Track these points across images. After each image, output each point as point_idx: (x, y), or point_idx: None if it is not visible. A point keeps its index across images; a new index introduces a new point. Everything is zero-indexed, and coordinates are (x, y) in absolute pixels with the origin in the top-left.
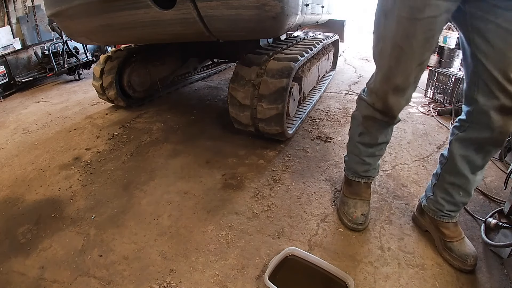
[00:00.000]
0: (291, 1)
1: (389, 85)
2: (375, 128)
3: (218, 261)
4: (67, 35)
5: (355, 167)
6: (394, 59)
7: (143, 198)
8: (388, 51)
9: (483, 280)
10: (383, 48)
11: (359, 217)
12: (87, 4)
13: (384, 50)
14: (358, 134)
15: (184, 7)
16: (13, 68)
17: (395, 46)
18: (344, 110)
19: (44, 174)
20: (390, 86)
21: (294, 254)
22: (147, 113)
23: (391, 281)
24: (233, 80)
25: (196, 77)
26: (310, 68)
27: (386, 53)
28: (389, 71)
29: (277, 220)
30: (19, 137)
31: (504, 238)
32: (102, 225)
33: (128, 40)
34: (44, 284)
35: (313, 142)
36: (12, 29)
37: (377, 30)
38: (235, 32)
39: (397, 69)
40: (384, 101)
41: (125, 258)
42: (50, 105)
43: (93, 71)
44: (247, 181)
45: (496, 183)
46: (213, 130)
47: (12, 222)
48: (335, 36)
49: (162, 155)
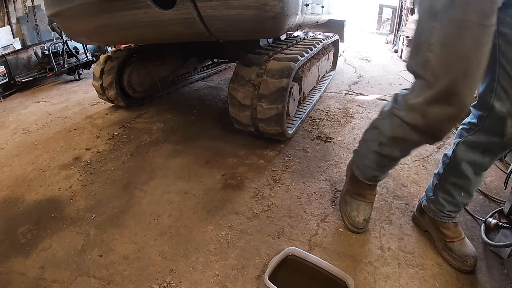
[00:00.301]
0: (291, 1)
1: (449, 104)
2: (403, 147)
3: (218, 261)
4: (67, 35)
5: (364, 170)
6: (461, 72)
7: (143, 198)
8: (447, 61)
9: (483, 280)
10: (437, 58)
11: (360, 222)
12: (87, 4)
13: (439, 59)
14: (378, 143)
15: (184, 7)
16: (13, 68)
17: (464, 56)
18: (344, 110)
19: (44, 174)
20: (450, 105)
21: (294, 254)
22: (147, 113)
23: (391, 281)
24: (233, 80)
25: (196, 77)
26: (310, 68)
27: (445, 63)
28: (451, 87)
29: (277, 220)
30: (19, 137)
31: (504, 238)
32: (102, 225)
33: (128, 40)
34: (44, 284)
35: (313, 142)
36: (12, 29)
37: (420, 35)
38: (235, 32)
39: (462, 84)
40: (435, 124)
41: (125, 258)
42: (50, 105)
43: (93, 71)
44: (247, 181)
45: (496, 183)
46: (213, 130)
47: (12, 222)
48: (335, 36)
49: (162, 155)
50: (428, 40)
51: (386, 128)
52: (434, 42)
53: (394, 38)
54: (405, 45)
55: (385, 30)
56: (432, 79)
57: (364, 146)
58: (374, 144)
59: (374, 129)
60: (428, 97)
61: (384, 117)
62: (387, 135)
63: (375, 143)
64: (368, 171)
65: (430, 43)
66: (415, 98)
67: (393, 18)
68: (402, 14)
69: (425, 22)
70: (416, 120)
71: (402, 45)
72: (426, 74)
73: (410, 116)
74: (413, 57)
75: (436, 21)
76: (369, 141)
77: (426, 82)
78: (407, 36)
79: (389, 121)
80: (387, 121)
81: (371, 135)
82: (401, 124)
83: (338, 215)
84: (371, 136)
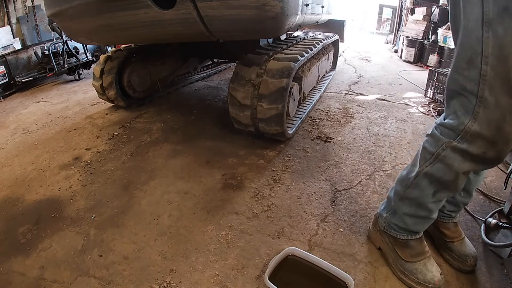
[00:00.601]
0: (291, 1)
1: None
2: (465, 179)
3: (218, 261)
4: (67, 35)
5: (416, 228)
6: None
7: (143, 198)
8: (507, 76)
9: (483, 280)
10: (493, 71)
11: (440, 279)
12: (87, 4)
13: (495, 75)
14: (432, 194)
15: (184, 7)
16: (13, 68)
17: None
18: (344, 110)
19: (44, 174)
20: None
21: (294, 254)
22: (147, 113)
23: (391, 281)
24: (233, 80)
25: (196, 77)
26: (310, 68)
27: (501, 79)
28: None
29: (277, 220)
30: (19, 137)
31: (504, 238)
32: (102, 225)
33: (128, 40)
34: (44, 284)
35: (313, 142)
36: (12, 29)
37: (472, 47)
38: (235, 32)
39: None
40: (505, 142)
41: (125, 258)
42: (50, 105)
43: (93, 71)
44: (247, 181)
45: (496, 183)
46: (213, 130)
47: (12, 222)
48: (335, 36)
49: (162, 155)
50: (483, 52)
51: (441, 174)
52: (490, 54)
53: (394, 38)
54: (405, 45)
55: (385, 30)
56: (490, 95)
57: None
58: (428, 198)
59: (421, 183)
60: (493, 118)
61: (432, 164)
62: (446, 179)
63: (428, 197)
64: (422, 225)
65: (486, 56)
66: (479, 125)
67: (393, 18)
68: (402, 14)
69: (477, 33)
70: (483, 147)
71: (402, 45)
72: (483, 90)
73: (476, 146)
74: (461, 72)
75: (490, 31)
76: (419, 199)
77: (481, 100)
78: (407, 36)
79: (444, 165)
80: (440, 166)
81: (418, 190)
82: (464, 158)
83: (338, 215)
84: (418, 193)
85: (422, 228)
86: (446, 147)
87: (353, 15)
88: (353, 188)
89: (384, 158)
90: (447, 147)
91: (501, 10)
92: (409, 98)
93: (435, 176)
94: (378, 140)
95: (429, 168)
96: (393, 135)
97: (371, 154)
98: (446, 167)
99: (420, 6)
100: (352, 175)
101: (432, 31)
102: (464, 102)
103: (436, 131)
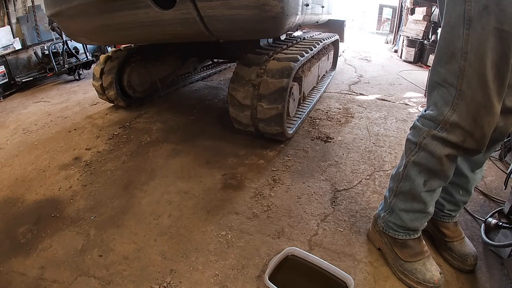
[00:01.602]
0: (291, 1)
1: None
2: (452, 165)
3: (218, 261)
4: (67, 35)
5: (414, 224)
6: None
7: (143, 198)
8: (483, 72)
9: (483, 280)
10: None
11: (440, 278)
12: (87, 4)
13: (472, 71)
14: (423, 183)
15: (184, 7)
16: (13, 68)
17: (493, 66)
18: (344, 110)
19: (44, 174)
20: (488, 113)
21: (294, 254)
22: (147, 113)
23: (391, 281)
24: (233, 80)
25: (196, 77)
26: (310, 68)
27: (478, 74)
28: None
29: (277, 220)
30: (19, 137)
31: (504, 238)
32: (102, 225)
33: (128, 40)
34: (44, 284)
35: (313, 142)
36: (12, 29)
37: (454, 43)
38: (235, 32)
39: (495, 97)
40: (481, 133)
41: (125, 258)
42: (50, 105)
43: (93, 71)
44: (247, 181)
45: (496, 183)
46: (213, 130)
47: (12, 222)
48: (335, 36)
49: (162, 155)
50: (462, 48)
51: (426, 161)
52: (468, 51)
53: (394, 38)
54: (405, 45)
55: (385, 30)
56: (467, 89)
57: (407, 199)
58: (420, 188)
59: (411, 170)
60: (470, 109)
61: (417, 153)
62: (432, 165)
63: (419, 186)
64: (420, 221)
65: (465, 52)
66: (455, 115)
67: (393, 18)
68: (402, 14)
69: (459, 29)
70: (461, 136)
71: (402, 45)
72: (461, 83)
73: (455, 135)
74: (443, 65)
75: (470, 29)
76: (411, 190)
77: (460, 92)
78: (407, 36)
79: (427, 153)
80: (424, 154)
81: (409, 180)
82: (444, 146)
83: (338, 215)
84: (410, 184)
85: (419, 225)
86: (426, 135)
87: (353, 15)
88: (353, 188)
89: (384, 158)
90: (428, 135)
91: (482, 9)
92: (409, 98)
93: (422, 164)
94: (378, 140)
95: (415, 157)
96: (393, 135)
97: (371, 154)
98: (429, 154)
99: (420, 6)
100: (352, 175)
101: (432, 31)
102: (445, 93)
103: (418, 123)
